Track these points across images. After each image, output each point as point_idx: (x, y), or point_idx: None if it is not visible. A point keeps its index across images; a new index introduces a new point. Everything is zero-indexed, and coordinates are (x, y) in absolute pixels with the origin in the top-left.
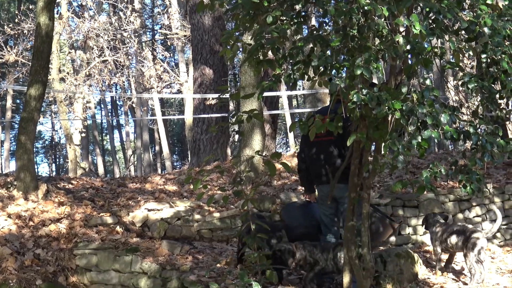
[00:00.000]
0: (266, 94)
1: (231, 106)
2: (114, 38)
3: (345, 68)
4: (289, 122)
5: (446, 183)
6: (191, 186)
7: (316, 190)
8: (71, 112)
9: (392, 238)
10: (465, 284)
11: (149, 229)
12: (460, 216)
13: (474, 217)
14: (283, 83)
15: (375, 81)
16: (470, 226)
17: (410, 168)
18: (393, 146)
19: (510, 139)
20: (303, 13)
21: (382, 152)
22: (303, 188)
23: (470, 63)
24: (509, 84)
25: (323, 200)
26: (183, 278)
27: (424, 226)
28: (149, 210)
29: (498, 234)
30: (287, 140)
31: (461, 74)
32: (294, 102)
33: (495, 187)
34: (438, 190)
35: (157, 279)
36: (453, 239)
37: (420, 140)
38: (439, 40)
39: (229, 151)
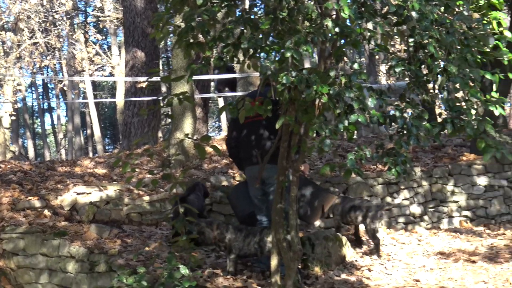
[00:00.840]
0: (197, 77)
1: (164, 89)
2: (46, 20)
3: (274, 51)
4: (221, 105)
5: (375, 166)
6: (121, 170)
7: (246, 171)
8: (1, 94)
9: (318, 223)
10: (378, 256)
11: (78, 213)
12: (388, 199)
13: (402, 200)
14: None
15: (307, 65)
16: (366, 200)
17: (340, 152)
18: (320, 130)
19: (436, 123)
20: None
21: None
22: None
23: (402, 48)
24: (435, 68)
25: (252, 182)
26: (111, 261)
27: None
28: (78, 194)
29: (426, 217)
30: (220, 123)
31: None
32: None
33: (423, 171)
34: (367, 173)
35: (85, 263)
36: (352, 213)
37: (347, 124)
38: (369, 23)
39: (160, 134)
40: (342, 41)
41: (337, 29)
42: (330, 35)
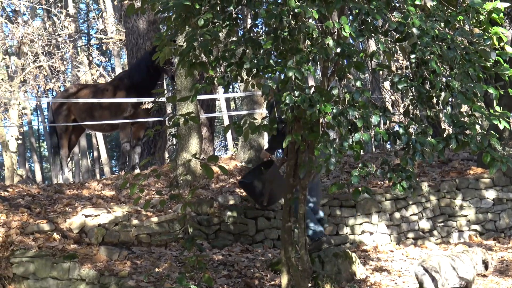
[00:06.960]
0: (202, 97)
1: (169, 109)
2: (49, 43)
3: (278, 71)
4: (227, 124)
5: (382, 182)
6: (129, 191)
7: None
8: (7, 119)
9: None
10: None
11: (87, 235)
12: (397, 215)
13: (411, 215)
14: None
15: (311, 82)
16: None
17: (346, 168)
18: (324, 149)
19: (440, 139)
20: (238, 15)
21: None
22: None
23: (404, 64)
24: (438, 84)
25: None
26: (121, 283)
27: None
28: (86, 216)
29: (435, 232)
30: (226, 143)
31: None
32: (232, 105)
33: (431, 185)
34: (375, 189)
35: (96, 285)
36: None
37: (351, 143)
38: (370, 40)
39: (166, 155)
40: (345, 61)
41: (338, 49)
42: (332, 54)
